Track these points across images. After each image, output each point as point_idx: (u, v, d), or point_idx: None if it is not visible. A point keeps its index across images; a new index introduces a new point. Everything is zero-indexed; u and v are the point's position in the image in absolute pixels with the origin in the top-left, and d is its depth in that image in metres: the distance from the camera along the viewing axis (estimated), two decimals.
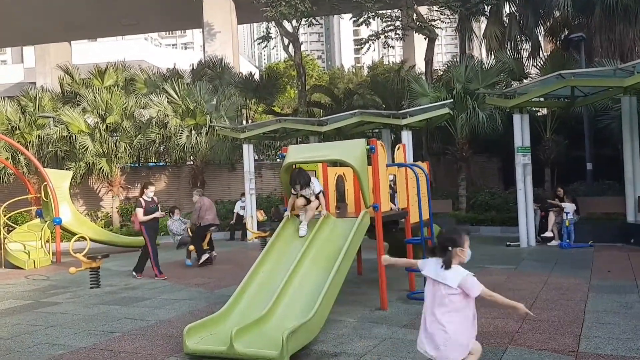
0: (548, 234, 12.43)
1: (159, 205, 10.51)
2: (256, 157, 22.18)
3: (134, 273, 10.51)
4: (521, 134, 12.42)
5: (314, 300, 5.66)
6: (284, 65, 46.70)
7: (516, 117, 12.43)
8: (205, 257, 11.36)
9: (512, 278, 8.63)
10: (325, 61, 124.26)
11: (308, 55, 53.30)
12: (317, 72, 50.02)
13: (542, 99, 13.35)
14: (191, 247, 11.58)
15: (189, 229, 12.21)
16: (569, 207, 12.08)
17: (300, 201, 6.81)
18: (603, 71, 11.32)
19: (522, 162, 12.42)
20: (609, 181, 15.63)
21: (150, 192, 10.25)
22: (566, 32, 20.24)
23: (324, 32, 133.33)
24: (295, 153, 7.11)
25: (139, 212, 10.09)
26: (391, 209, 7.79)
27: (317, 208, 6.92)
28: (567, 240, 11.84)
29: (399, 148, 7.86)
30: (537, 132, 15.99)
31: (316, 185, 6.88)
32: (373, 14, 17.96)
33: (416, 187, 7.53)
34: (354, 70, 56.59)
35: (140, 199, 10.20)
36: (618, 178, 13.81)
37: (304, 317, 5.42)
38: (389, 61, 68.90)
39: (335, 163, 9.00)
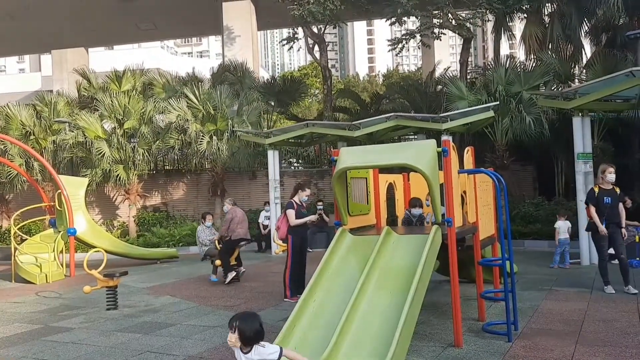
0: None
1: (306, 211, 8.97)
2: None
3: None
4: (582, 139, 11.19)
5: (386, 338, 4.52)
6: (299, 74, 45.74)
7: (576, 120, 11.19)
8: (232, 275, 10.22)
9: (595, 305, 7.39)
10: (338, 70, 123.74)
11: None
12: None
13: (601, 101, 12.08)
14: (217, 262, 10.41)
15: (216, 241, 10.94)
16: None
17: None
18: None
19: (584, 170, 11.16)
20: None
21: (305, 195, 8.69)
22: (609, 33, 19.09)
23: (337, 42, 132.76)
24: (350, 157, 5.96)
25: (290, 213, 8.45)
26: None
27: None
28: (638, 258, 10.56)
29: (467, 151, 6.72)
30: None
31: (270, 349, 3.52)
32: (407, 11, 16.71)
33: (493, 198, 6.38)
34: (368, 79, 55.64)
35: (292, 200, 8.63)
36: None
37: None
38: (403, 69, 67.92)
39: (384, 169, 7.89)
